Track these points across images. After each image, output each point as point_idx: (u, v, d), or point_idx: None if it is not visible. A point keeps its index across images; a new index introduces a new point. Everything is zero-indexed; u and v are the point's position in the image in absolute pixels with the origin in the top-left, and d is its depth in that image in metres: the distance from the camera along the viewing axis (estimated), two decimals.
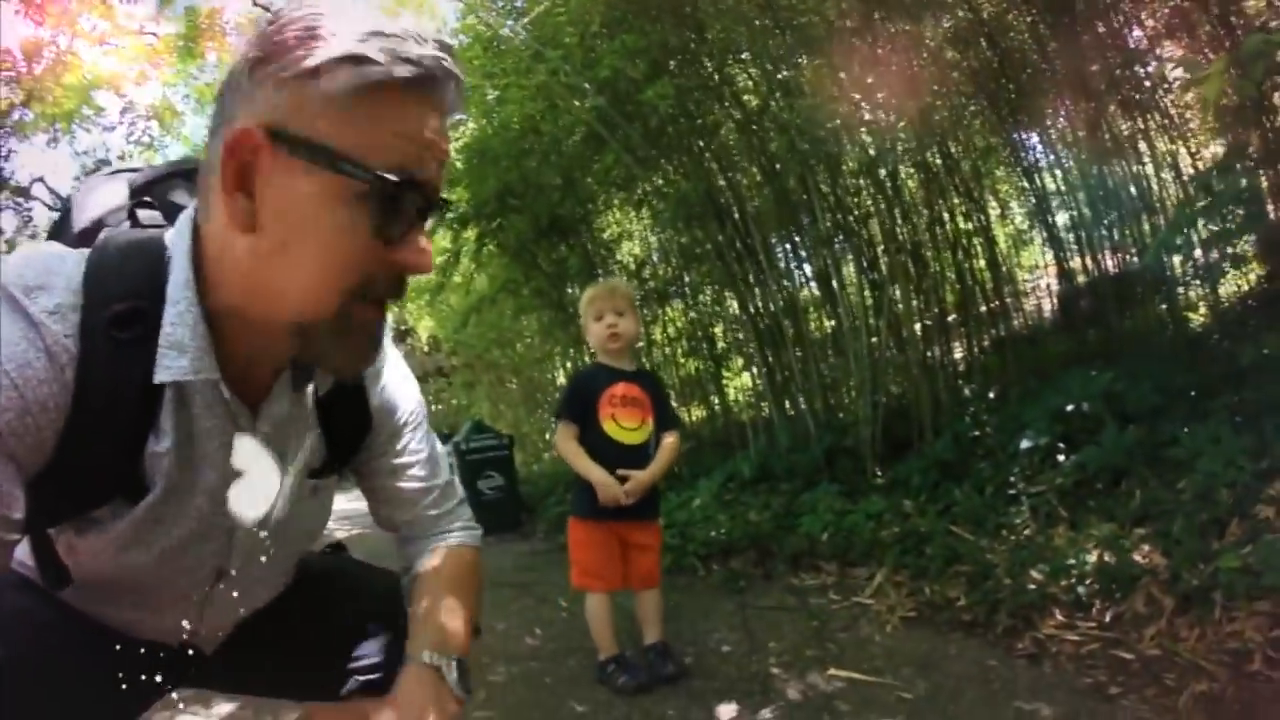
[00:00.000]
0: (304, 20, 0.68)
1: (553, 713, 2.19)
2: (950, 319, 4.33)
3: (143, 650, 0.92)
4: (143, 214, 0.85)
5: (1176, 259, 3.42)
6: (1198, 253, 3.18)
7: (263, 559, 0.94)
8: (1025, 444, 2.76)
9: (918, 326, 3.98)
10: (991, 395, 3.54)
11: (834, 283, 4.35)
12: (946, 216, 4.18)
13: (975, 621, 2.28)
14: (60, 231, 0.91)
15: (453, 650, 0.93)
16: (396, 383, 1.03)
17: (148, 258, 0.76)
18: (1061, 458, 2.69)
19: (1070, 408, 2.74)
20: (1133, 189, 3.83)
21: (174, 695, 1.02)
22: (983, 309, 4.38)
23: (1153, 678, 1.77)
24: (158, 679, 0.94)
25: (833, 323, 4.58)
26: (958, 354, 4.43)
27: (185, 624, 0.94)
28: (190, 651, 0.99)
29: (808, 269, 4.66)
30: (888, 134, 3.73)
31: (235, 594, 0.95)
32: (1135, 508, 2.30)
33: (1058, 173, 4.23)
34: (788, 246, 4.65)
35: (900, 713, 1.87)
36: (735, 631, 2.67)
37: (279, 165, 0.68)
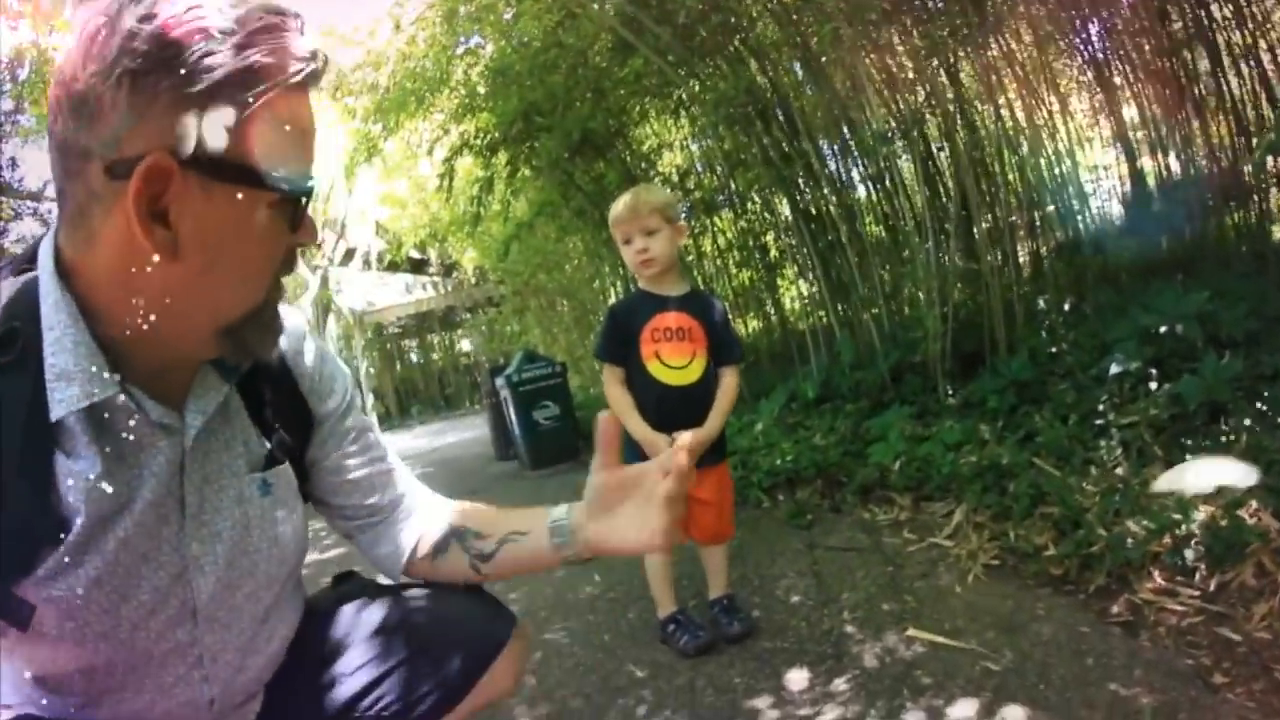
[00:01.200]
0: (177, 18, 0.63)
1: (610, 677, 2.13)
2: (1014, 219, 3.97)
3: None
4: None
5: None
6: None
7: (241, 584, 0.87)
8: (1115, 369, 2.50)
9: (982, 229, 3.65)
10: (1066, 307, 3.24)
11: (890, 183, 4.03)
12: (1006, 111, 3.77)
13: (1065, 577, 2.12)
14: None
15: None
16: (324, 363, 1.00)
17: (22, 289, 0.74)
18: (1154, 385, 2.43)
19: (1162, 329, 2.44)
20: (1199, 87, 3.39)
21: None
22: (1046, 210, 4.01)
23: (1262, 668, 1.58)
24: None
25: (890, 225, 4.28)
26: (1022, 258, 4.09)
27: (203, 695, 0.87)
28: None
29: (858, 170, 4.31)
30: (940, 18, 3.30)
31: (230, 641, 0.88)
32: (1239, 452, 2.06)
33: (1122, 66, 3.75)
34: (836, 147, 4.30)
35: (986, 687, 1.75)
36: (804, 577, 2.58)
37: (193, 189, 0.66)
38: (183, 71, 0.63)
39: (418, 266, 14.10)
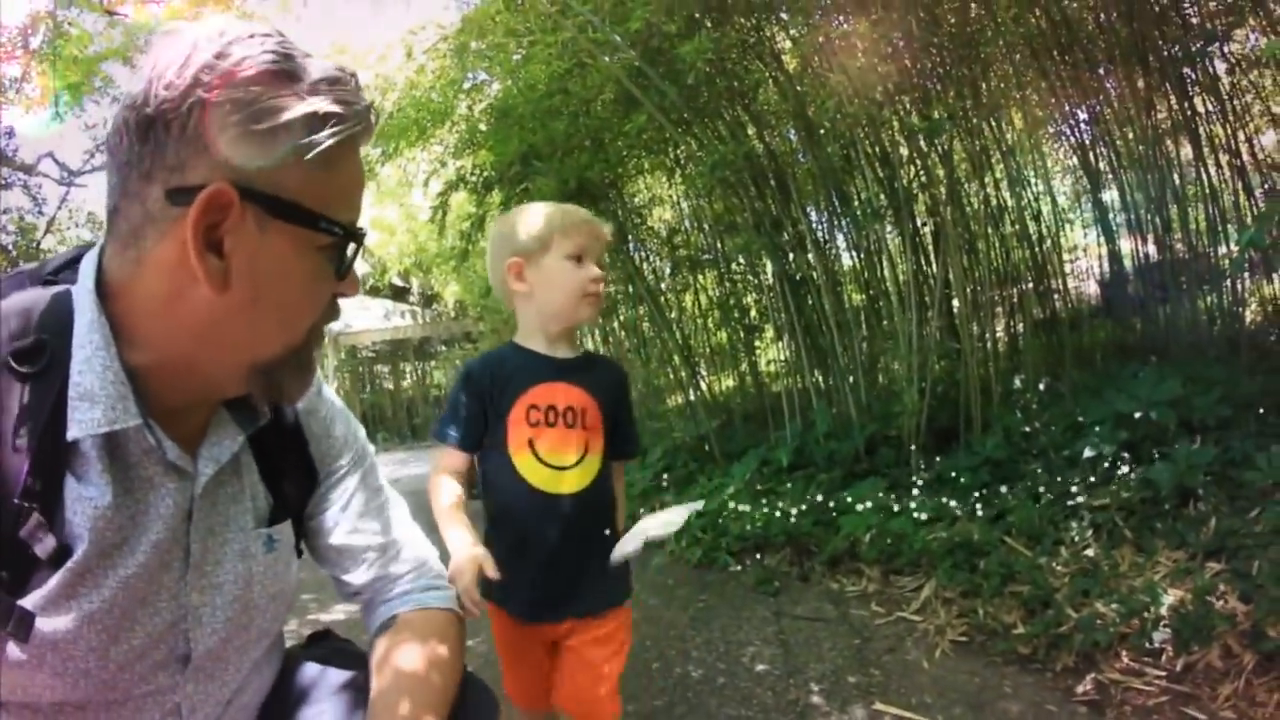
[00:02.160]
0: (252, 60, 0.66)
1: None
2: (993, 295, 4.09)
3: None
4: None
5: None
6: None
7: (235, 638, 0.84)
8: (1089, 452, 2.54)
9: (966, 305, 3.73)
10: (1041, 386, 3.30)
11: (876, 256, 4.13)
12: (992, 190, 3.91)
13: (1033, 655, 2.12)
14: None
15: None
16: (335, 424, 0.97)
17: (54, 302, 0.73)
18: (1126, 468, 2.47)
19: (1137, 414, 2.50)
20: (1178, 175, 3.61)
21: None
22: (1026, 287, 4.14)
23: None
24: None
25: (872, 294, 4.36)
26: (998, 333, 4.20)
27: None
28: None
29: (842, 239, 4.42)
30: (938, 100, 3.43)
31: (213, 693, 0.84)
32: (1208, 538, 2.10)
33: (1106, 151, 3.97)
34: (825, 215, 4.40)
35: None
36: (770, 645, 2.54)
37: (250, 223, 0.67)
38: (251, 109, 0.65)
39: (399, 294, 14.00)
